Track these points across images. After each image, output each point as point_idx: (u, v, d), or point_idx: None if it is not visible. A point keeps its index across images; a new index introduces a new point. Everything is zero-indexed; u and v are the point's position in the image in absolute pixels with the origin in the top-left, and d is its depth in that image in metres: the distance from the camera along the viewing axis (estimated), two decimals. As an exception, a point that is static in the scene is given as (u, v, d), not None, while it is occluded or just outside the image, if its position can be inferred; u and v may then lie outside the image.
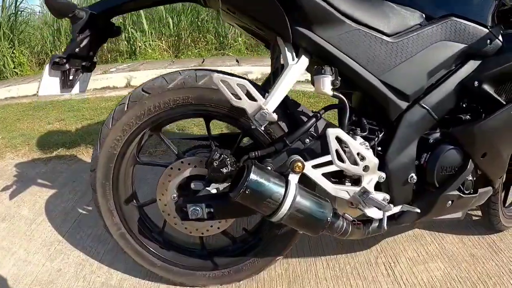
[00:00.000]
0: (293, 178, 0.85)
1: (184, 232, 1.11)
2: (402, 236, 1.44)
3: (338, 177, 0.97)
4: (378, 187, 1.00)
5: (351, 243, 1.40)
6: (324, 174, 0.91)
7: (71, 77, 0.94)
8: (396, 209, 1.01)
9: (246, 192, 0.79)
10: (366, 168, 0.93)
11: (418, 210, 1.02)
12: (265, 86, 1.00)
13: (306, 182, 0.91)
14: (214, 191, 0.98)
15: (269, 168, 0.87)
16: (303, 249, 1.36)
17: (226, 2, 0.87)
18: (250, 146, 1.12)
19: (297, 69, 0.89)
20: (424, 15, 1.02)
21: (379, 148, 1.00)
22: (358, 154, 0.91)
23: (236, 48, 5.29)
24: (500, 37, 1.05)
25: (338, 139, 0.89)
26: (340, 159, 0.90)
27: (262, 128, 0.86)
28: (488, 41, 1.03)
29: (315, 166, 0.89)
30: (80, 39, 0.90)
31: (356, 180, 0.97)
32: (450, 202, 1.06)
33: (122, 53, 5.06)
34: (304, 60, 0.91)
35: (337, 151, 0.89)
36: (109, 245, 1.39)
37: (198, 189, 0.99)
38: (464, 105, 1.08)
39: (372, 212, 0.98)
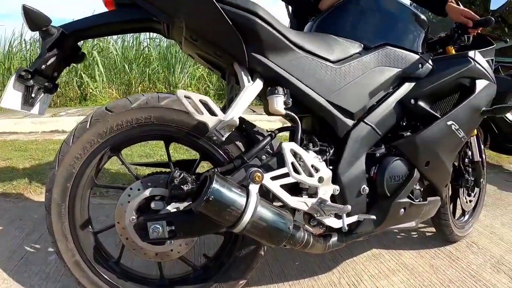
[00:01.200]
0: (254, 188, 0.90)
1: (143, 258, 1.09)
2: (361, 257, 1.51)
3: (295, 192, 1.03)
4: (334, 201, 1.08)
5: (312, 266, 1.44)
6: (282, 187, 0.98)
7: (33, 95, 0.95)
8: (353, 219, 1.09)
9: (210, 199, 0.82)
10: (320, 180, 1.01)
11: (374, 217, 1.11)
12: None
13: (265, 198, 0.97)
14: (174, 210, 1.00)
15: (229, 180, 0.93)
16: (265, 277, 1.37)
17: (190, 30, 0.97)
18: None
19: (253, 89, 0.99)
20: (362, 45, 1.20)
21: (331, 164, 1.10)
22: (312, 166, 1.00)
23: (186, 99, 5.56)
24: (431, 62, 1.26)
25: (293, 153, 0.98)
26: (296, 171, 0.98)
27: (223, 139, 0.92)
28: (420, 65, 1.23)
29: (273, 178, 0.96)
30: (48, 56, 0.94)
31: (312, 194, 1.05)
32: (402, 209, 1.17)
33: (72, 99, 5.04)
34: (259, 83, 1.01)
35: (292, 163, 0.97)
36: (59, 284, 1.31)
37: (159, 209, 1.01)
38: (404, 123, 1.24)
39: (331, 222, 1.05)
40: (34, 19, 0.92)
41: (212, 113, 0.92)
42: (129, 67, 5.31)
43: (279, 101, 0.98)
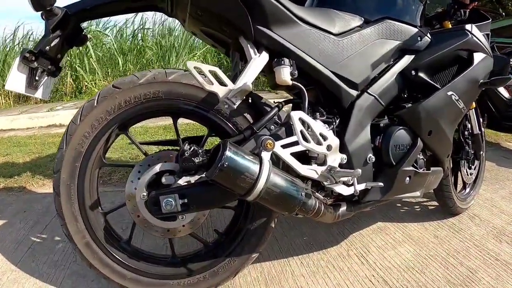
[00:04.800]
0: (266, 155, 0.90)
1: (155, 235, 1.09)
2: (367, 230, 1.53)
3: (304, 160, 1.04)
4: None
5: (320, 240, 1.45)
6: (292, 155, 0.98)
7: (37, 78, 0.95)
8: (361, 187, 1.10)
9: (224, 165, 0.82)
10: (329, 148, 1.02)
11: (382, 184, 1.12)
12: None
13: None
14: (186, 183, 1.00)
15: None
16: (274, 252, 1.38)
17: (196, 6, 0.96)
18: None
19: (259, 61, 0.99)
20: (363, 19, 1.21)
21: (337, 134, 1.10)
22: (320, 134, 1.00)
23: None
24: (429, 35, 1.27)
25: (301, 121, 0.98)
26: (305, 139, 0.98)
27: (235, 107, 0.92)
28: (419, 38, 1.25)
29: (284, 146, 0.96)
30: (52, 37, 0.93)
31: (321, 163, 1.05)
32: (408, 178, 1.18)
33: (67, 93, 4.98)
34: (265, 55, 1.01)
35: (301, 131, 0.97)
36: (68, 270, 1.30)
37: (170, 183, 1.00)
38: (405, 94, 1.26)
39: (341, 189, 1.05)
40: None
41: (221, 83, 0.92)
42: (123, 58, 5.26)
43: (285, 72, 0.98)
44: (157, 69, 1.01)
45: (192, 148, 0.96)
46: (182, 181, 0.99)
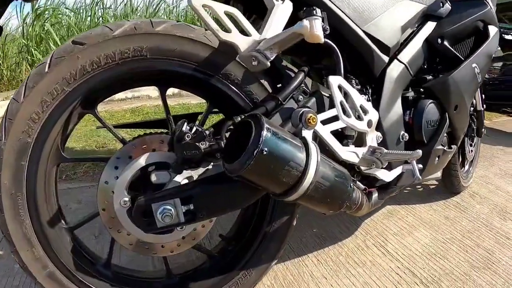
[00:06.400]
0: (308, 135, 0.61)
1: (145, 254, 0.76)
2: (378, 216, 1.33)
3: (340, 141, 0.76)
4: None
5: (332, 231, 1.21)
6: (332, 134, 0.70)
7: None
8: (398, 171, 0.85)
9: (264, 153, 0.50)
10: (369, 124, 0.75)
11: (421, 166, 0.89)
12: None
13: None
14: (187, 181, 0.67)
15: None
16: (285, 251, 1.09)
17: None
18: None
19: (284, 9, 0.69)
20: None
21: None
22: (361, 107, 0.73)
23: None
24: (449, 2, 1.10)
25: (339, 89, 0.70)
26: (345, 113, 0.70)
27: (268, 64, 0.61)
28: (441, 4, 1.07)
29: (323, 122, 0.67)
30: None
31: (358, 144, 0.78)
32: (437, 158, 0.99)
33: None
34: (288, 3, 0.71)
35: (341, 103, 0.69)
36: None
37: (163, 182, 0.67)
38: (425, 65, 1.06)
39: (383, 174, 0.80)
40: None
41: (242, 31, 0.60)
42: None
43: (317, 24, 0.68)
44: (138, 19, 0.66)
45: (195, 128, 0.63)
46: (181, 178, 0.67)
